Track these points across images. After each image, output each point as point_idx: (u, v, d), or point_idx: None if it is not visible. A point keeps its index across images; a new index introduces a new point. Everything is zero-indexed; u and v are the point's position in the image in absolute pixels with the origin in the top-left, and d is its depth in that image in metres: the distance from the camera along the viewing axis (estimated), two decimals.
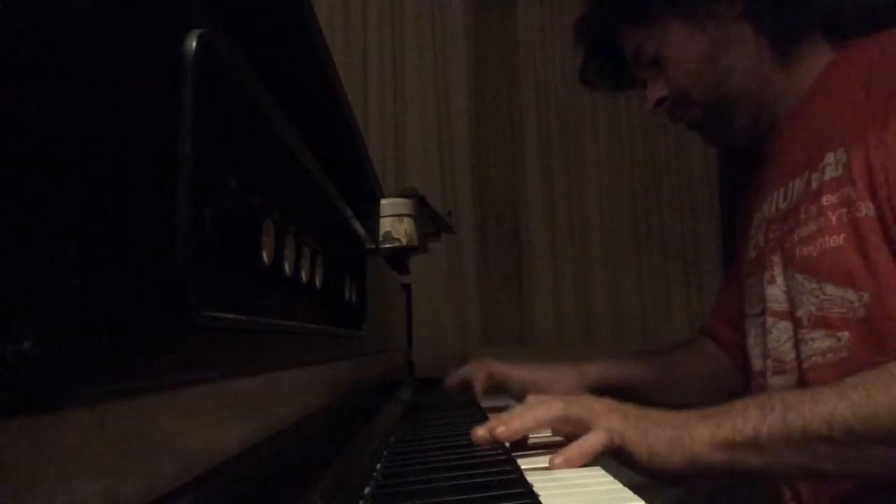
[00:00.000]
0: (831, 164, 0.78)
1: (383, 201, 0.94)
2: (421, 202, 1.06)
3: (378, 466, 0.60)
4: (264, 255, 0.40)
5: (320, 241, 0.58)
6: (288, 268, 0.46)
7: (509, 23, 2.35)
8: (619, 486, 0.52)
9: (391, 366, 1.22)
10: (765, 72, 0.89)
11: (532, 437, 0.69)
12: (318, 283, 0.56)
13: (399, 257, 1.39)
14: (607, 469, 0.58)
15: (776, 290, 0.87)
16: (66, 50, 0.20)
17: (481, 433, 0.65)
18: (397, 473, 0.57)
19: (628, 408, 0.67)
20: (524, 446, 0.69)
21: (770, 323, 0.88)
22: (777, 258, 0.87)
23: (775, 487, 0.88)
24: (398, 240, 0.93)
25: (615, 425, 0.63)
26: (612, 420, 0.64)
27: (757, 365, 0.92)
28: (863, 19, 0.90)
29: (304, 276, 0.51)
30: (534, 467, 0.59)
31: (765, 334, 0.89)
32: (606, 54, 1.02)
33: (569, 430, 0.67)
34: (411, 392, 1.30)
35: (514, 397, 1.04)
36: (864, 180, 0.74)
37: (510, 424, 0.66)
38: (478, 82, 2.30)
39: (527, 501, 0.46)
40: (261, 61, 0.41)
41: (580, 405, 0.66)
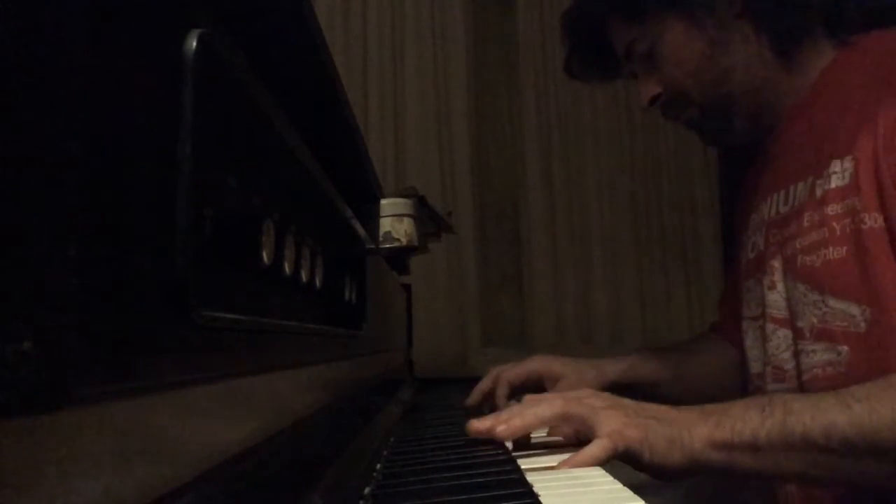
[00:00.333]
0: (837, 173, 0.77)
1: (383, 201, 0.94)
2: (421, 202, 1.06)
3: (378, 466, 0.60)
4: (264, 255, 0.40)
5: (320, 241, 0.58)
6: (288, 268, 0.46)
7: (509, 23, 2.35)
8: (619, 486, 0.51)
9: (391, 366, 1.22)
10: (765, 71, 0.87)
11: (532, 437, 0.69)
12: (318, 283, 0.56)
13: (399, 257, 1.39)
14: (607, 469, 0.58)
15: (776, 296, 0.86)
16: (67, 50, 0.20)
17: (477, 426, 0.65)
18: (397, 473, 0.57)
19: (628, 403, 0.66)
20: (528, 446, 0.67)
21: (770, 329, 0.87)
22: (777, 263, 0.86)
23: (775, 488, 0.88)
24: (398, 240, 0.93)
25: (616, 426, 0.62)
26: (613, 419, 0.63)
27: (755, 368, 0.92)
28: (865, 17, 0.88)
29: (304, 276, 0.51)
30: (534, 467, 0.58)
31: (764, 340, 0.88)
32: (595, 46, 0.99)
33: (569, 430, 0.67)
34: (411, 392, 1.30)
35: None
36: (871, 188, 0.73)
37: (511, 423, 0.65)
38: (478, 82, 2.29)
39: (527, 501, 0.46)
40: (261, 61, 0.41)
41: (580, 403, 0.66)
